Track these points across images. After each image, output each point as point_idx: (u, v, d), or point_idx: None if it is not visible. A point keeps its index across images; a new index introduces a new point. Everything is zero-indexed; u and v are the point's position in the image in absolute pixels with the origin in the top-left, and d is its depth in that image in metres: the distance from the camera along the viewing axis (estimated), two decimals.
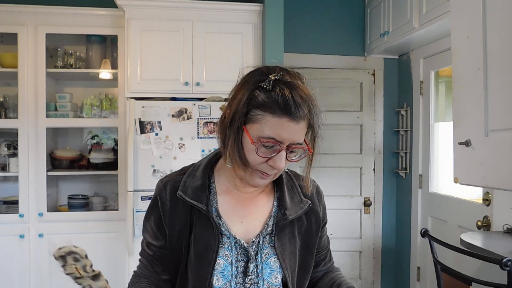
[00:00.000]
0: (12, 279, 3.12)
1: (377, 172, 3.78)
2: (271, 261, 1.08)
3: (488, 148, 1.20)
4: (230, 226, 1.08)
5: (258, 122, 0.97)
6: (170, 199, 1.09)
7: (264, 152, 0.98)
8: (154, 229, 1.12)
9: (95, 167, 3.35)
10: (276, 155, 0.98)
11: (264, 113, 0.96)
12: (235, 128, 0.99)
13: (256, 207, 1.12)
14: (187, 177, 1.10)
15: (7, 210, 3.21)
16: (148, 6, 3.02)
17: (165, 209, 1.10)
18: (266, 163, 1.00)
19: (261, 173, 1.02)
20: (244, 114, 0.98)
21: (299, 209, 1.12)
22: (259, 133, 0.97)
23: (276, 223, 1.10)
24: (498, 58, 1.17)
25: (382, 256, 3.82)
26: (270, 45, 3.03)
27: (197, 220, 1.07)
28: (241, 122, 0.98)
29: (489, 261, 1.75)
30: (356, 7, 3.74)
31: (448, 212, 3.09)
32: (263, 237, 1.09)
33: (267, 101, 0.96)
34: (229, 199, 1.11)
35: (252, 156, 0.99)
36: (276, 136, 0.96)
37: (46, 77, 3.16)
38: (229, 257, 1.07)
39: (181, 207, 1.08)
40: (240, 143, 0.99)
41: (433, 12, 2.68)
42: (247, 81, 1.01)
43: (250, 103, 0.97)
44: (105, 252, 3.20)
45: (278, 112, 0.95)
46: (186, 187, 1.08)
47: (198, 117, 2.87)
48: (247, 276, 1.06)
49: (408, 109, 3.57)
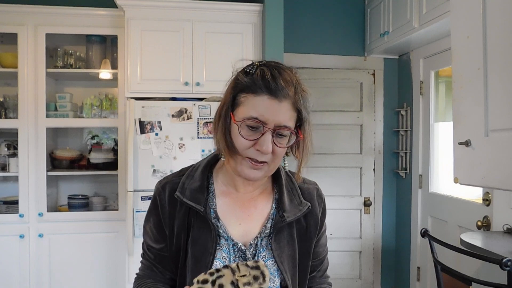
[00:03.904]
0: (12, 279, 3.12)
1: (377, 172, 3.78)
2: (269, 264, 1.06)
3: (488, 148, 1.20)
4: (228, 228, 1.07)
5: (242, 104, 0.99)
6: (169, 201, 1.08)
7: (249, 134, 0.98)
8: (153, 232, 1.12)
9: (95, 167, 3.35)
10: (261, 137, 0.97)
11: (247, 95, 0.98)
12: (223, 117, 1.01)
13: (255, 209, 1.11)
14: (186, 178, 1.09)
15: (7, 210, 3.21)
16: (148, 6, 3.03)
17: (164, 211, 1.09)
18: (253, 147, 0.98)
19: (250, 162, 1.00)
20: (231, 101, 1.00)
21: (298, 212, 1.10)
22: (244, 115, 0.98)
23: (273, 225, 1.08)
24: (498, 58, 1.17)
25: (382, 256, 3.82)
26: (270, 45, 3.03)
27: (194, 222, 1.06)
28: (228, 109, 1.00)
29: (489, 261, 1.75)
30: (356, 7, 3.74)
31: (448, 212, 3.09)
32: (260, 240, 1.08)
33: (249, 82, 0.98)
34: (228, 200, 1.10)
35: (239, 141, 0.98)
36: (258, 116, 0.96)
37: (46, 77, 3.16)
38: (227, 260, 1.05)
39: (179, 208, 1.07)
40: (228, 130, 1.00)
41: (433, 12, 2.68)
42: (235, 75, 1.04)
43: (235, 88, 1.00)
44: (105, 252, 3.20)
45: (259, 91, 0.97)
46: (184, 189, 1.07)
47: (198, 117, 2.87)
48: None
49: (408, 109, 3.57)
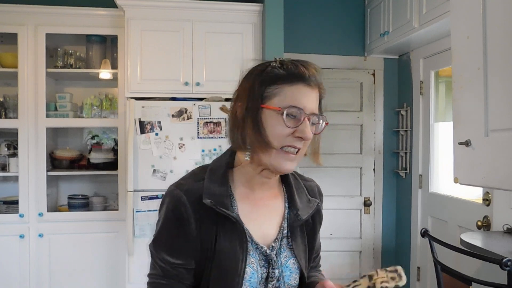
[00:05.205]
0: (12, 279, 3.12)
1: (377, 172, 3.78)
2: (290, 263, 1.08)
3: (488, 148, 1.20)
4: (251, 231, 1.05)
5: (276, 95, 0.99)
6: (193, 208, 1.00)
7: (289, 123, 0.98)
8: (172, 244, 1.02)
9: (95, 167, 3.35)
10: (302, 123, 0.98)
11: (280, 86, 0.99)
12: (252, 112, 0.99)
13: (269, 209, 1.10)
14: (209, 183, 1.02)
15: (7, 210, 3.21)
16: (148, 6, 3.03)
17: (187, 220, 1.00)
18: (292, 135, 0.98)
19: (285, 153, 0.99)
20: (260, 95, 0.99)
21: (309, 209, 1.12)
22: (281, 104, 0.98)
23: (290, 225, 1.09)
24: (498, 58, 1.17)
25: (382, 256, 3.82)
26: (270, 45, 3.03)
27: (221, 229, 1.01)
28: (257, 103, 0.99)
29: (489, 261, 1.75)
30: (356, 7, 3.73)
31: (448, 212, 3.09)
32: (280, 241, 1.08)
33: (281, 74, 0.99)
34: (247, 203, 1.07)
35: (277, 131, 0.98)
36: (297, 104, 0.98)
37: (46, 77, 3.16)
38: (254, 264, 1.03)
39: (206, 216, 1.00)
40: (261, 125, 0.99)
41: (433, 12, 2.68)
42: (251, 72, 1.03)
43: (265, 81, 1.00)
44: (105, 252, 3.21)
45: (294, 80, 0.99)
46: (212, 194, 1.00)
47: (198, 117, 2.87)
48: (269, 282, 1.05)
49: (408, 109, 3.57)
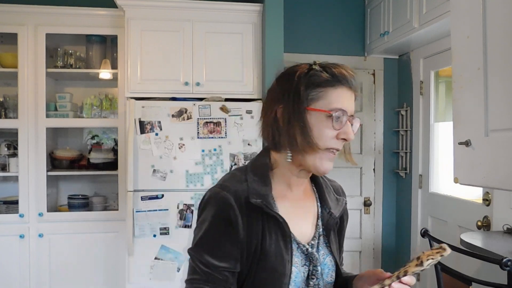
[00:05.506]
0: (12, 279, 3.12)
1: (377, 172, 3.78)
2: (327, 261, 1.10)
3: (488, 148, 1.20)
4: (291, 231, 1.05)
5: (321, 98, 1.01)
6: (241, 210, 1.00)
7: (337, 125, 1.01)
8: (219, 247, 1.00)
9: (95, 167, 3.35)
10: (345, 126, 1.02)
11: (325, 89, 1.02)
12: (299, 115, 1.01)
13: (305, 209, 1.12)
14: (254, 184, 1.03)
15: (7, 210, 3.21)
16: (148, 6, 3.03)
17: (237, 221, 1.00)
18: (336, 137, 1.02)
19: (328, 154, 1.03)
20: (305, 98, 1.02)
21: (339, 207, 1.15)
22: (326, 107, 1.01)
23: (326, 222, 1.12)
24: (498, 58, 1.17)
25: (382, 256, 3.82)
26: (270, 45, 3.03)
27: (267, 229, 1.02)
28: (304, 106, 1.01)
29: (489, 261, 1.76)
30: (356, 7, 3.73)
31: (448, 212, 3.09)
32: (317, 239, 1.10)
33: (324, 78, 1.02)
34: (286, 203, 1.08)
35: (325, 133, 1.01)
36: (342, 106, 1.01)
37: (46, 77, 3.16)
38: (298, 263, 1.05)
39: (253, 217, 1.01)
40: (309, 127, 1.01)
41: (433, 12, 2.68)
42: (290, 75, 1.05)
43: (310, 84, 1.02)
44: (105, 252, 3.21)
45: (338, 84, 1.02)
46: (259, 194, 1.01)
47: (198, 117, 2.87)
48: (311, 280, 1.06)
49: (408, 109, 3.57)
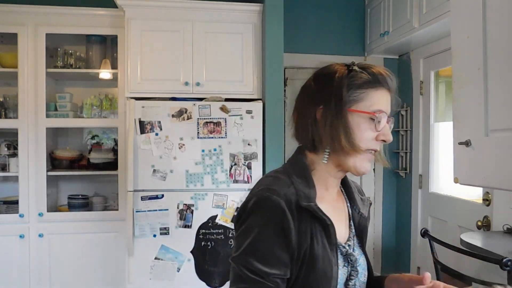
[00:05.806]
0: (12, 279, 3.12)
1: (377, 172, 3.78)
2: (361, 261, 1.10)
3: (488, 148, 1.20)
4: None
5: (362, 100, 1.01)
6: (292, 214, 0.97)
7: (378, 127, 1.01)
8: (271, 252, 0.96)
9: (95, 167, 3.35)
10: (385, 127, 1.02)
11: (366, 90, 1.01)
12: (342, 116, 1.00)
13: (339, 209, 1.12)
14: (301, 187, 1.01)
15: (7, 210, 3.21)
16: (148, 6, 3.03)
17: (289, 226, 0.96)
18: (375, 138, 1.02)
19: (368, 155, 1.03)
20: (347, 99, 1.00)
21: (366, 206, 1.15)
22: (369, 109, 1.01)
23: (358, 223, 1.12)
24: (498, 58, 1.17)
25: (382, 256, 3.82)
26: (270, 45, 3.03)
27: (315, 232, 1.00)
28: (346, 107, 1.00)
29: (489, 261, 1.76)
30: (356, 7, 3.74)
31: (448, 212, 3.09)
32: (353, 239, 1.10)
33: (365, 79, 1.01)
34: (325, 204, 1.05)
35: (367, 134, 1.00)
36: (382, 108, 1.01)
37: (46, 77, 3.16)
38: (340, 265, 1.05)
39: (303, 221, 0.99)
40: (351, 128, 1.00)
41: (433, 12, 2.68)
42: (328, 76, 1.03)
43: (349, 87, 1.01)
44: (105, 252, 3.20)
45: (378, 85, 1.02)
46: (308, 197, 0.99)
47: (198, 117, 2.87)
48: (350, 280, 1.06)
49: (408, 109, 3.57)
